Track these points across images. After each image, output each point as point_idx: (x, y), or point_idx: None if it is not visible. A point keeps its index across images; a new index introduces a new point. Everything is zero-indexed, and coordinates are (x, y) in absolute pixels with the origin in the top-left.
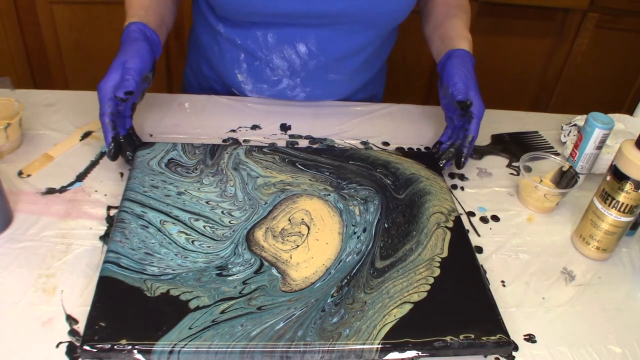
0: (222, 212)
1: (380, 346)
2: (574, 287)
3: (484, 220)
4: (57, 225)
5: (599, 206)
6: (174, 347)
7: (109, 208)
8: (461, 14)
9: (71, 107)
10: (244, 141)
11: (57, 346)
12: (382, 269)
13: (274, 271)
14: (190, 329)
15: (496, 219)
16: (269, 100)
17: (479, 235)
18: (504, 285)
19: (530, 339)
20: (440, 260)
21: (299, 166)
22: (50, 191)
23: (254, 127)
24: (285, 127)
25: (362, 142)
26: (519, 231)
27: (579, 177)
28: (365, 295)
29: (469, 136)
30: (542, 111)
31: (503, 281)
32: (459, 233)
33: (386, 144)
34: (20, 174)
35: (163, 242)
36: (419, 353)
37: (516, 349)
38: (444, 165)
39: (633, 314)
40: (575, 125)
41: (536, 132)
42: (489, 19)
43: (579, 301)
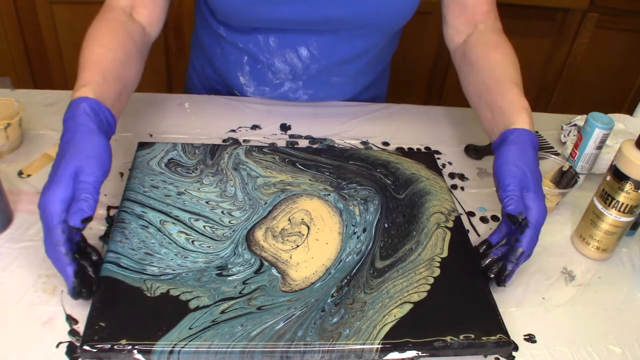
0: (222, 212)
1: (380, 346)
2: (574, 287)
3: (484, 220)
4: None
5: (599, 206)
6: (174, 347)
7: (109, 208)
8: (509, 68)
9: None
10: (244, 141)
11: (57, 346)
12: (382, 269)
13: (274, 271)
14: (190, 329)
15: (496, 219)
16: (269, 100)
17: (479, 235)
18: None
19: (530, 339)
20: (440, 260)
21: (299, 166)
22: None
23: (254, 127)
24: (285, 127)
25: (362, 142)
26: None
27: (579, 177)
28: (365, 295)
29: (519, 250)
30: (542, 111)
31: None
32: (459, 233)
33: (386, 144)
34: (20, 174)
35: (163, 242)
36: (419, 353)
37: (516, 349)
38: (489, 280)
39: (633, 314)
40: (575, 125)
41: (536, 132)
42: None
43: (579, 301)
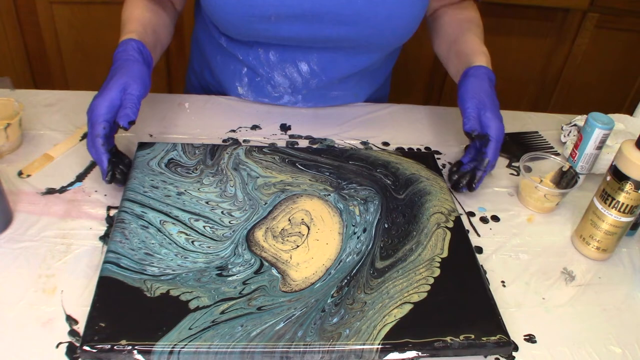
0: (222, 212)
1: (380, 346)
2: (574, 287)
3: (484, 220)
4: (57, 225)
5: (599, 206)
6: (173, 348)
7: (109, 208)
8: (473, 27)
9: (71, 107)
10: (244, 141)
11: (57, 346)
12: (382, 269)
13: (274, 271)
14: (190, 329)
15: (496, 219)
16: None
17: (479, 236)
18: (504, 285)
19: (530, 339)
20: (440, 260)
21: (299, 166)
22: (50, 191)
23: (254, 127)
24: (285, 127)
25: (362, 142)
26: (519, 231)
27: (579, 177)
28: (365, 295)
29: (486, 160)
30: (542, 111)
31: (503, 281)
32: (459, 233)
33: (386, 144)
34: (20, 174)
35: (163, 242)
36: (419, 353)
37: (516, 349)
38: (460, 188)
39: (633, 314)
40: (575, 125)
41: (536, 132)
42: (489, 19)
43: (579, 301)
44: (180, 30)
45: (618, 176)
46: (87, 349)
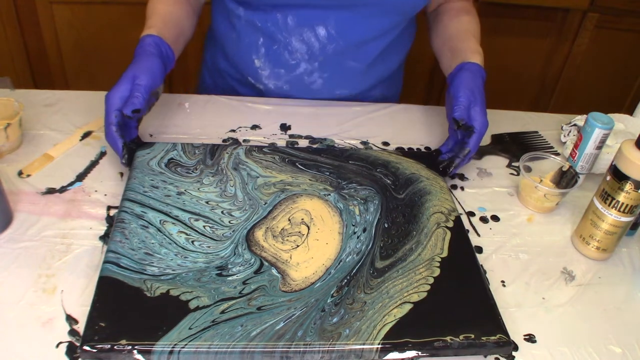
0: (222, 212)
1: (380, 346)
2: (574, 287)
3: (484, 220)
4: (57, 225)
5: (599, 206)
6: (174, 348)
7: (109, 208)
8: (472, 27)
9: (71, 107)
10: (244, 141)
11: (57, 346)
12: (382, 269)
13: (273, 271)
14: (190, 329)
15: (496, 219)
16: (269, 100)
17: (479, 235)
18: (504, 285)
19: (530, 339)
20: (440, 260)
21: (299, 166)
22: (50, 191)
23: (254, 127)
24: (285, 127)
25: (362, 142)
26: (519, 231)
27: (579, 177)
28: (365, 295)
29: (466, 149)
30: (542, 111)
31: (503, 281)
32: (459, 233)
33: (386, 144)
34: (20, 174)
35: (163, 242)
36: (419, 353)
37: (516, 349)
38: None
39: (633, 314)
40: (575, 125)
41: (536, 132)
42: (489, 19)
43: (579, 301)
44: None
45: (618, 176)
46: (87, 348)
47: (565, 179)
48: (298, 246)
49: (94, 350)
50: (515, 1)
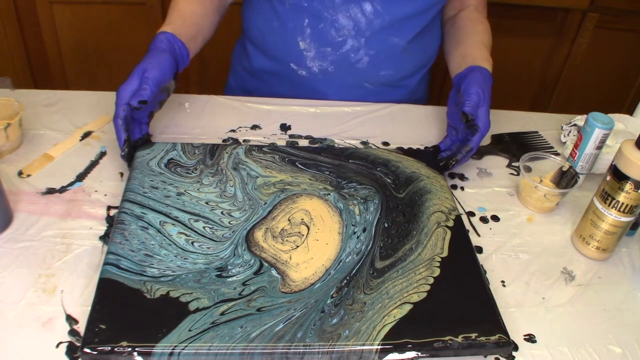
0: (222, 213)
1: (380, 347)
2: (574, 287)
3: (484, 220)
4: (57, 225)
5: (599, 206)
6: (174, 349)
7: (109, 208)
8: (485, 38)
9: (71, 107)
10: (244, 141)
11: (57, 346)
12: (381, 269)
13: (273, 272)
14: (190, 330)
15: (496, 219)
16: (269, 100)
17: (479, 235)
18: (504, 285)
19: (530, 339)
20: (440, 260)
21: (299, 165)
22: (50, 191)
23: (254, 127)
24: (285, 127)
25: (362, 142)
26: (519, 231)
27: (579, 177)
28: (364, 296)
29: (469, 146)
30: (542, 111)
31: (503, 281)
32: (459, 232)
33: (386, 144)
34: (20, 174)
35: (163, 243)
36: (419, 354)
37: (516, 349)
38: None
39: (633, 314)
40: (575, 125)
41: (536, 132)
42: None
43: (579, 301)
44: None
45: (618, 176)
46: (88, 350)
47: (565, 179)
48: (298, 246)
49: (95, 353)
50: (515, 1)
